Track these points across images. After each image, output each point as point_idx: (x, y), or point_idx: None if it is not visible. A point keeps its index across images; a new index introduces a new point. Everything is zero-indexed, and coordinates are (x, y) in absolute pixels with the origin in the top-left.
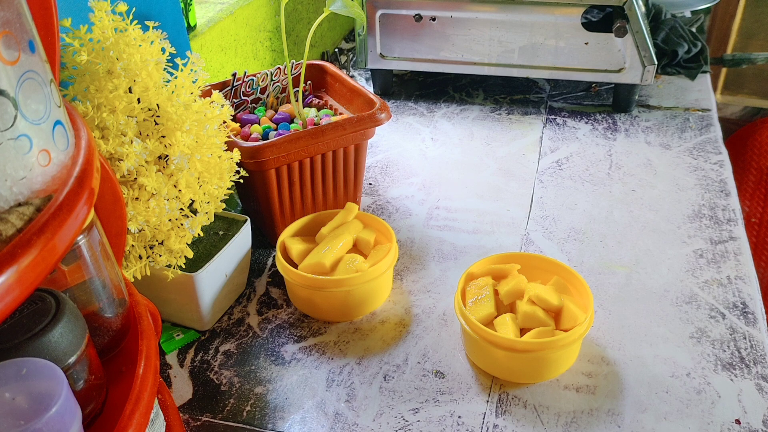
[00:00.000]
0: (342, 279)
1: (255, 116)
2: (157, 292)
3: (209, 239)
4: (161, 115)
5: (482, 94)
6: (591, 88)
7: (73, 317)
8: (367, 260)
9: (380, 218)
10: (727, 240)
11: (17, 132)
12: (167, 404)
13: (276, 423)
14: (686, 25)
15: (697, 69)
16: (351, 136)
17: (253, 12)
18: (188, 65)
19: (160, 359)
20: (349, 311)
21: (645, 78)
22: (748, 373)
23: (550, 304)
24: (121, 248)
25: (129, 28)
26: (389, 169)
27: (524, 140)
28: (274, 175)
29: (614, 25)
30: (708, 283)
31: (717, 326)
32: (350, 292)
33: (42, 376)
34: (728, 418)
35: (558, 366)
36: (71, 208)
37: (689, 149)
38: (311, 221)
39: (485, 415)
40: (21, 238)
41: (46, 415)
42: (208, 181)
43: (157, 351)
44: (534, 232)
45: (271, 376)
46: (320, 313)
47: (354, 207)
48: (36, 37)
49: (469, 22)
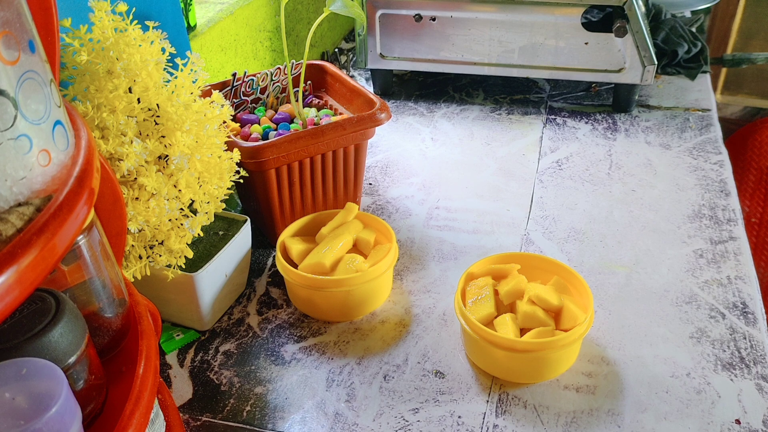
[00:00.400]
0: (342, 279)
1: (255, 116)
2: (157, 292)
3: (209, 239)
4: (161, 115)
5: (482, 94)
6: (591, 88)
7: (73, 317)
8: (367, 260)
9: (380, 218)
10: (727, 240)
11: (17, 132)
12: (167, 404)
13: (276, 423)
14: (686, 25)
15: (697, 69)
16: (351, 136)
17: (253, 12)
18: (188, 65)
19: (160, 359)
20: (349, 311)
21: (645, 78)
22: (748, 373)
23: (550, 304)
24: (121, 248)
25: (129, 28)
26: (389, 169)
27: (524, 140)
28: (274, 175)
29: (614, 25)
30: (708, 283)
31: (717, 326)
32: (350, 292)
33: (42, 376)
34: (728, 418)
35: (558, 366)
36: (71, 208)
37: (689, 149)
38: (311, 221)
39: (485, 415)
40: (21, 238)
41: (46, 415)
42: (208, 181)
43: (157, 351)
44: (534, 232)
45: (271, 376)
46: (320, 313)
47: (354, 207)
48: (36, 37)
49: (469, 22)
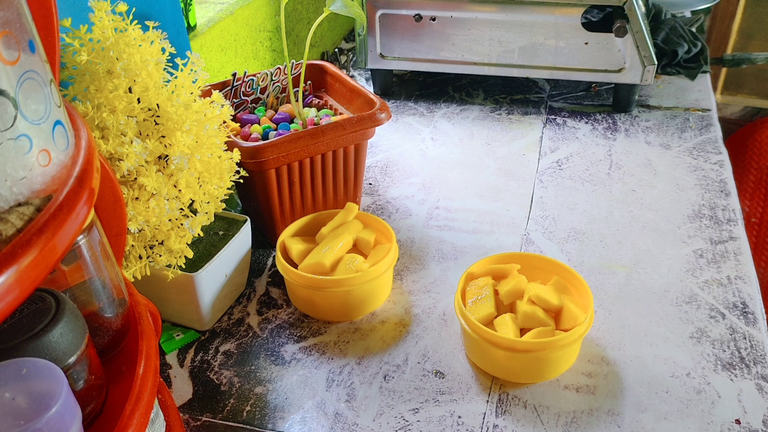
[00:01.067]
0: (342, 279)
1: (255, 116)
2: (157, 292)
3: (209, 239)
4: (161, 115)
5: (482, 94)
6: (591, 88)
7: (73, 317)
8: (367, 260)
9: (380, 218)
10: (727, 240)
11: (17, 132)
12: (167, 404)
13: (276, 423)
14: (686, 25)
15: (697, 69)
16: (351, 136)
17: (253, 12)
18: (188, 65)
19: (160, 359)
20: (349, 311)
21: (645, 78)
22: (748, 373)
23: (550, 304)
24: (121, 248)
25: (129, 28)
26: (389, 169)
27: (524, 140)
28: (274, 175)
29: (614, 25)
30: (708, 283)
31: (717, 326)
32: (350, 292)
33: (42, 376)
34: (728, 418)
35: (558, 366)
36: (71, 208)
37: (689, 149)
38: (311, 221)
39: (485, 415)
40: (21, 238)
41: (46, 415)
42: (208, 181)
43: (157, 351)
44: (534, 232)
45: (271, 376)
46: (320, 313)
47: (354, 207)
48: (36, 37)
49: (469, 22)
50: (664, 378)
